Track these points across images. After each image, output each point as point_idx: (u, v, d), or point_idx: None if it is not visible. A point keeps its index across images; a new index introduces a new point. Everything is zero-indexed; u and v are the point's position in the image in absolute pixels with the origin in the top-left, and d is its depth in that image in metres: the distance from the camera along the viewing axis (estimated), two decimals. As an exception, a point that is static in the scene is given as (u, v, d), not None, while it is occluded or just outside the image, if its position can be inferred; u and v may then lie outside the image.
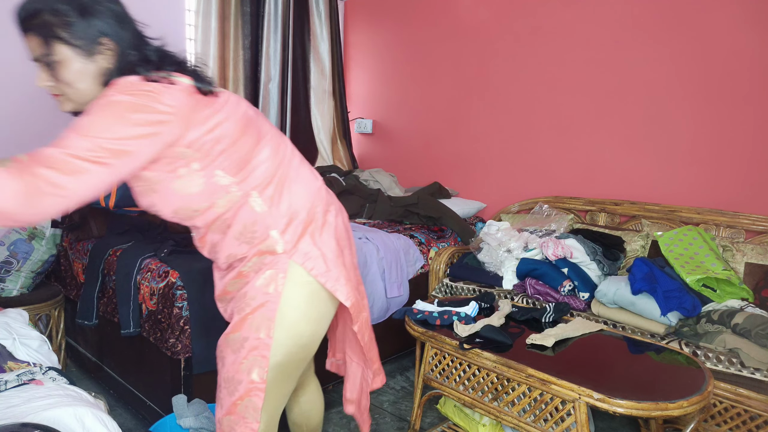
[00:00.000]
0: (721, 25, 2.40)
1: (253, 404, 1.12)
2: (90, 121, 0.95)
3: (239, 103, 1.16)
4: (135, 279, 1.98)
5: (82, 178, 0.93)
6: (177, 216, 1.14)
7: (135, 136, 0.96)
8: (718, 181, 2.45)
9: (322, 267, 1.15)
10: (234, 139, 1.09)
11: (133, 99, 0.97)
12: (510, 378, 1.56)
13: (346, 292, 1.18)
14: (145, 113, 0.97)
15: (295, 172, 1.21)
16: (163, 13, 3.00)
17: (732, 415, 1.71)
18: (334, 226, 1.21)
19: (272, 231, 1.13)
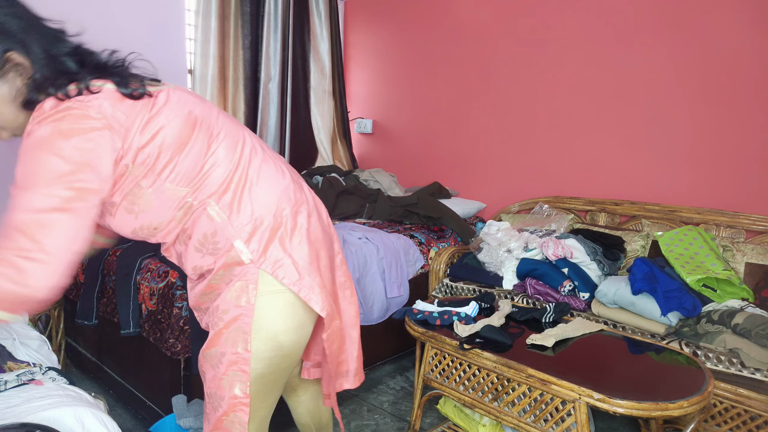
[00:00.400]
0: (720, 26, 2.40)
1: (239, 419, 1.08)
2: (27, 171, 0.87)
3: (182, 101, 1.04)
4: (135, 279, 1.98)
5: (51, 233, 0.86)
6: (137, 236, 1.08)
7: (90, 167, 0.89)
8: (718, 181, 2.45)
9: (294, 275, 1.07)
10: (179, 144, 1.00)
11: (57, 126, 0.88)
12: (510, 378, 1.56)
13: (321, 301, 1.10)
14: (77, 136, 0.88)
15: (256, 173, 1.09)
16: (163, 13, 3.00)
17: (732, 415, 1.71)
18: (306, 228, 1.12)
19: (236, 241, 1.04)
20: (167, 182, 1.00)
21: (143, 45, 2.96)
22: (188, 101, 1.06)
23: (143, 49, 3.06)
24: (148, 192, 1.00)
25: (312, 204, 1.19)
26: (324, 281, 1.13)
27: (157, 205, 1.02)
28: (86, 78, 0.95)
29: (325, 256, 1.17)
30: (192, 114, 1.04)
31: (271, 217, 1.08)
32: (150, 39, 2.94)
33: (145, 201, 1.01)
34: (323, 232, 1.19)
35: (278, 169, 1.15)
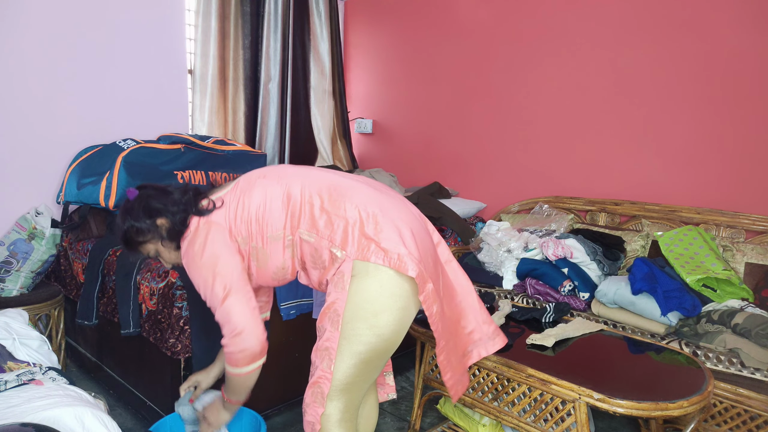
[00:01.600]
0: (721, 26, 2.40)
1: (320, 390, 1.24)
2: (199, 278, 1.28)
3: (248, 177, 1.37)
4: (135, 279, 1.98)
5: (233, 311, 1.24)
6: (276, 281, 1.38)
7: (220, 260, 1.26)
8: (718, 181, 2.45)
9: (380, 253, 1.20)
10: (257, 207, 1.29)
11: (197, 242, 1.28)
12: (510, 378, 1.56)
13: (410, 264, 1.20)
14: (209, 245, 1.27)
15: (322, 194, 1.31)
16: (163, 13, 3.00)
17: (732, 415, 1.71)
18: (385, 215, 1.26)
19: (333, 249, 1.24)
20: (267, 233, 1.29)
21: (143, 45, 2.97)
22: (248, 176, 1.38)
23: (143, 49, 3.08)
24: (262, 248, 1.30)
25: (399, 199, 1.37)
26: (410, 250, 1.22)
27: (272, 254, 1.31)
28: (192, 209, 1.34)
29: (409, 231, 1.26)
30: (249, 179, 1.36)
31: (354, 216, 1.25)
32: (150, 39, 2.94)
33: (264, 255, 1.31)
34: (409, 214, 1.33)
35: (344, 176, 1.38)
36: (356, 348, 1.22)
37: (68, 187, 2.43)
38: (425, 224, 1.40)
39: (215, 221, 1.30)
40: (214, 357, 1.84)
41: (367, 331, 1.21)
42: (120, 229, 1.35)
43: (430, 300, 1.25)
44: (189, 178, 2.55)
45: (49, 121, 2.60)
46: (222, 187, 1.38)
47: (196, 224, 1.30)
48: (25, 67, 2.50)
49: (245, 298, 1.27)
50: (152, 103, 2.99)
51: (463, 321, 1.45)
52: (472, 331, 1.47)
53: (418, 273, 1.21)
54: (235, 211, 1.30)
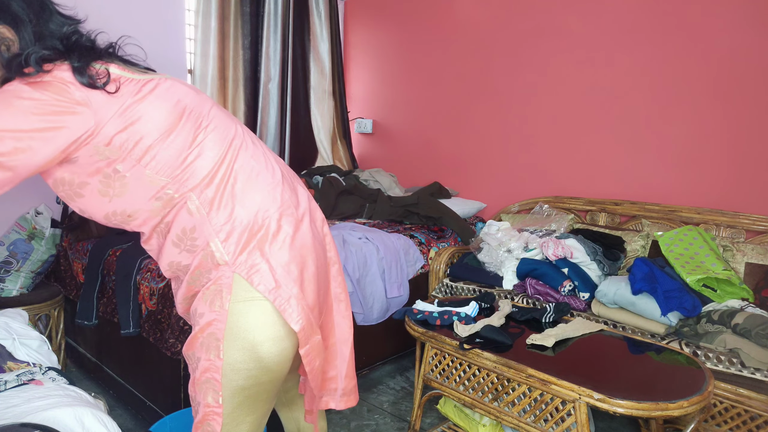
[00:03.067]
0: (721, 26, 2.40)
1: (212, 428, 1.03)
2: None
3: (172, 89, 1.02)
4: (135, 279, 1.98)
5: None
6: (110, 221, 1.04)
7: (31, 129, 0.87)
8: (718, 181, 2.45)
9: (270, 282, 1.00)
10: (162, 132, 0.97)
11: (34, 92, 0.88)
12: (510, 378, 1.56)
13: (296, 313, 1.01)
14: (48, 105, 0.88)
15: (243, 169, 1.05)
16: (163, 13, 3.00)
17: (732, 415, 1.71)
18: (291, 234, 1.05)
19: (212, 240, 1.00)
20: (147, 169, 0.97)
21: (143, 45, 2.96)
22: (179, 90, 1.03)
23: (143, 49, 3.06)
24: (125, 176, 0.97)
25: (304, 208, 1.12)
26: (305, 293, 1.05)
27: (134, 191, 0.99)
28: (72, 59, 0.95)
29: (313, 265, 1.08)
30: (180, 103, 1.01)
31: (252, 218, 1.02)
32: (150, 39, 2.94)
33: (121, 185, 0.98)
34: (314, 239, 1.11)
35: (269, 167, 1.09)
36: (240, 383, 1.02)
37: (68, 187, 2.43)
38: (324, 246, 1.20)
39: (93, 99, 0.92)
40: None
41: (250, 363, 1.01)
42: None
43: (312, 354, 1.07)
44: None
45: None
46: (137, 68, 1.06)
47: (58, 77, 0.91)
48: (25, 67, 2.50)
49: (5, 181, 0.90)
50: (152, 103, 2.99)
51: (328, 365, 1.26)
52: (333, 377, 1.26)
53: (303, 327, 1.02)
54: (126, 111, 0.94)
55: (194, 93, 1.07)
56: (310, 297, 1.06)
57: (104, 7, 2.73)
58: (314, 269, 1.08)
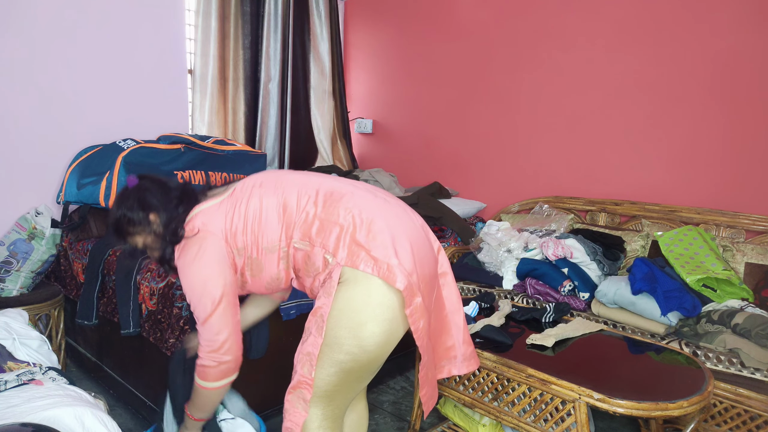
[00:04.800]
0: (721, 26, 2.40)
1: (302, 395, 1.22)
2: (189, 288, 1.28)
3: (244, 184, 1.34)
4: (135, 279, 1.98)
5: (218, 327, 1.26)
6: (270, 289, 1.36)
7: (212, 273, 1.27)
8: (718, 181, 2.45)
9: (370, 261, 1.17)
10: (253, 218, 1.27)
11: (191, 251, 1.27)
12: (510, 378, 1.56)
13: (398, 276, 1.16)
14: (203, 255, 1.26)
15: (316, 198, 1.29)
16: (163, 13, 3.00)
17: (732, 415, 1.71)
18: (382, 222, 1.23)
19: (326, 255, 1.22)
20: (263, 245, 1.28)
21: (143, 45, 2.97)
22: (247, 181, 1.35)
23: (143, 49, 3.08)
24: (257, 259, 1.29)
25: (392, 206, 1.31)
26: (402, 260, 1.18)
27: (266, 264, 1.29)
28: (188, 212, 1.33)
29: (407, 241, 1.23)
30: (255, 184, 1.33)
31: (346, 224, 1.22)
32: (150, 39, 2.94)
33: (258, 265, 1.29)
34: (409, 222, 1.29)
35: (343, 182, 1.35)
36: (337, 356, 1.19)
37: (68, 187, 2.43)
38: (426, 233, 1.36)
39: (211, 231, 1.27)
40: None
41: (350, 340, 1.17)
42: (113, 215, 1.33)
43: (417, 315, 1.20)
44: (189, 178, 2.55)
45: (49, 121, 2.60)
46: (217, 193, 1.35)
47: (192, 230, 1.28)
48: (25, 68, 2.50)
49: (231, 313, 1.27)
50: (152, 103, 2.99)
51: (445, 336, 1.41)
52: (451, 347, 1.42)
53: (406, 286, 1.17)
54: (231, 221, 1.28)
55: (262, 175, 1.38)
56: (407, 264, 1.19)
57: (104, 7, 2.73)
58: (407, 244, 1.23)
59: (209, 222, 1.28)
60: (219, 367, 1.27)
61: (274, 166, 3.59)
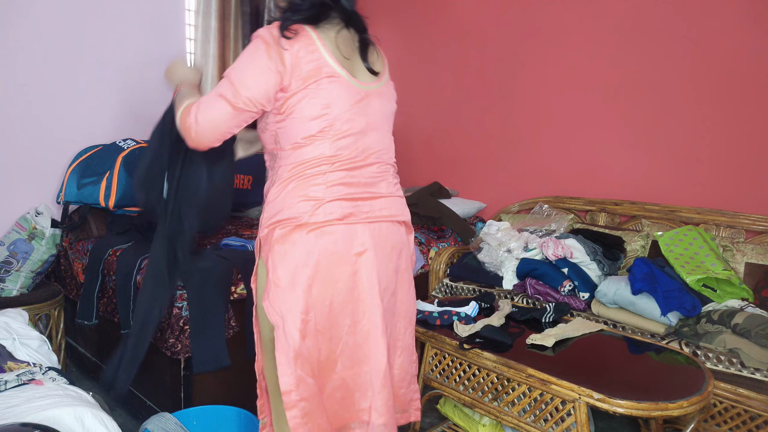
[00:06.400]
0: (721, 25, 2.40)
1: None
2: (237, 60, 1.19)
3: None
4: (135, 279, 1.98)
5: (212, 113, 1.16)
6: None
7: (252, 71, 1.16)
8: (718, 181, 2.45)
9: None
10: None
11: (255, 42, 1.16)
12: (510, 378, 1.56)
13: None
14: (256, 52, 1.15)
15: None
16: (163, 13, 3.00)
17: (732, 415, 1.71)
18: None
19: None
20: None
21: (143, 45, 2.97)
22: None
23: (143, 49, 3.08)
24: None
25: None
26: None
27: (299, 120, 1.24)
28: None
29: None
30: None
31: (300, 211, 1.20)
32: (150, 39, 2.94)
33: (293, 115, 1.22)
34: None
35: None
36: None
37: (68, 187, 2.43)
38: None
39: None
40: (214, 357, 1.85)
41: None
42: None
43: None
44: (189, 178, 2.55)
45: (49, 121, 2.60)
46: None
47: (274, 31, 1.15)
48: (25, 68, 2.50)
49: (226, 125, 1.16)
50: (152, 103, 2.99)
51: (358, 393, 1.22)
52: (364, 410, 1.23)
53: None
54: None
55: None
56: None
57: (104, 7, 2.73)
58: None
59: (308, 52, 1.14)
60: (182, 127, 1.21)
61: (274, 166, 3.59)
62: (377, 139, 1.26)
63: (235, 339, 1.94)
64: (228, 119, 1.16)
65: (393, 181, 1.30)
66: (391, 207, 1.26)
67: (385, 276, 1.24)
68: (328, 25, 1.19)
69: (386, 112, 1.30)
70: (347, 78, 1.18)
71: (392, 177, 1.30)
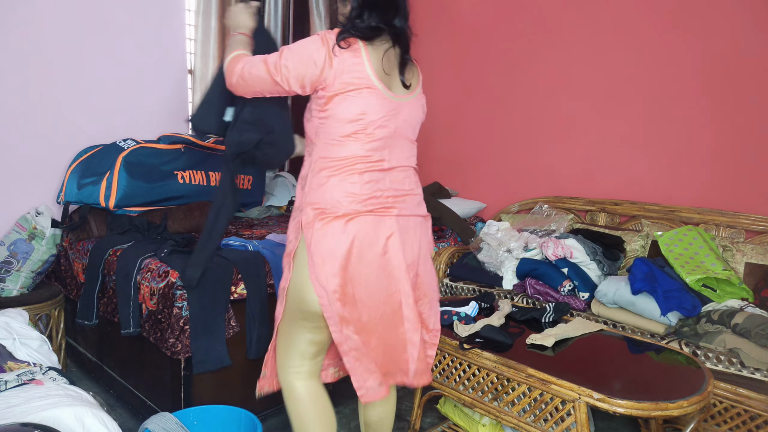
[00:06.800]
0: (721, 25, 2.40)
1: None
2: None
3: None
4: (135, 279, 1.98)
5: (256, 75, 1.38)
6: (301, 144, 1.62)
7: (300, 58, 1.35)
8: (718, 181, 2.45)
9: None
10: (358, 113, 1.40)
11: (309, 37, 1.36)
12: (510, 378, 1.56)
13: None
14: (305, 44, 1.35)
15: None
16: (163, 13, 3.00)
17: (732, 415, 1.71)
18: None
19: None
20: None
21: (143, 45, 2.97)
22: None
23: (143, 49, 3.09)
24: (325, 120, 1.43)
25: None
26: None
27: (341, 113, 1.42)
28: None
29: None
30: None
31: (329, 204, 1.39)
32: (150, 39, 2.94)
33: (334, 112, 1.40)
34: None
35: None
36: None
37: (68, 187, 2.43)
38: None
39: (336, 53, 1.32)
40: (214, 357, 1.85)
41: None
42: None
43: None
44: (189, 178, 2.55)
45: (49, 121, 2.60)
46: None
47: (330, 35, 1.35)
48: (26, 68, 2.50)
49: (267, 82, 1.37)
50: (152, 103, 2.99)
51: (400, 349, 1.46)
52: (405, 360, 1.47)
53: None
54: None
55: None
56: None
57: (105, 7, 2.73)
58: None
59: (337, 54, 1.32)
60: (228, 75, 1.44)
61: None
62: (403, 145, 1.50)
63: (235, 339, 1.95)
64: (263, 84, 1.39)
65: (414, 180, 1.55)
66: (413, 203, 1.49)
67: (411, 255, 1.43)
68: (379, 42, 1.38)
69: (413, 121, 1.52)
70: (383, 90, 1.37)
71: (413, 176, 1.55)
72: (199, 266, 1.73)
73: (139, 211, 2.42)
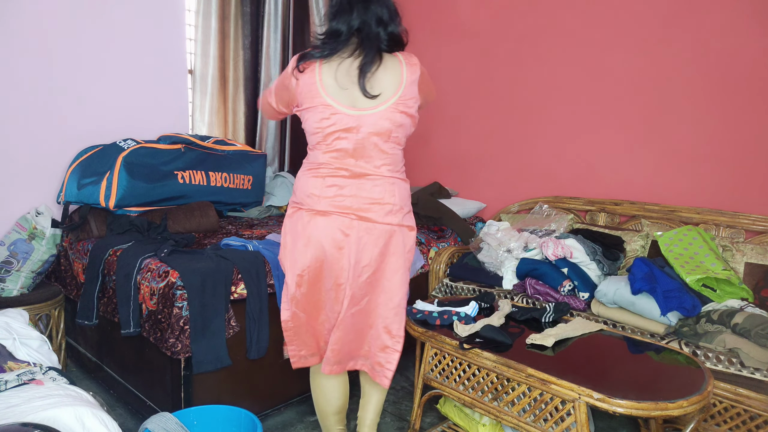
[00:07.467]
0: (721, 25, 2.40)
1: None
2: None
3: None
4: (135, 279, 1.98)
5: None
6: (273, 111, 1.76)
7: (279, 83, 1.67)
8: (718, 181, 2.45)
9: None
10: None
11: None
12: (510, 378, 1.56)
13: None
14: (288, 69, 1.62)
15: None
16: (163, 13, 3.00)
17: (732, 414, 1.71)
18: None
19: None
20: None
21: (143, 45, 2.97)
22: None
23: (143, 49, 3.09)
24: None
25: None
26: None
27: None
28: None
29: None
30: None
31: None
32: (150, 39, 2.94)
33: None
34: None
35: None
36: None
37: (68, 187, 2.43)
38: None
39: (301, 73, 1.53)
40: (214, 357, 1.85)
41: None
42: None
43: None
44: (189, 178, 2.55)
45: (49, 121, 2.60)
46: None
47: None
48: (25, 67, 2.51)
49: (274, 109, 1.70)
50: (152, 103, 2.99)
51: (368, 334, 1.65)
52: (366, 352, 1.67)
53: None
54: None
55: None
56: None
57: (105, 6, 2.73)
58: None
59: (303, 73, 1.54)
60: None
61: (275, 167, 3.59)
62: (373, 155, 1.53)
63: (235, 339, 1.95)
64: (272, 110, 1.71)
65: (390, 190, 1.55)
66: (382, 212, 1.54)
67: (368, 256, 1.53)
68: (337, 57, 1.50)
69: (380, 131, 1.52)
70: (336, 106, 1.48)
71: (389, 186, 1.56)
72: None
73: (139, 211, 2.42)
